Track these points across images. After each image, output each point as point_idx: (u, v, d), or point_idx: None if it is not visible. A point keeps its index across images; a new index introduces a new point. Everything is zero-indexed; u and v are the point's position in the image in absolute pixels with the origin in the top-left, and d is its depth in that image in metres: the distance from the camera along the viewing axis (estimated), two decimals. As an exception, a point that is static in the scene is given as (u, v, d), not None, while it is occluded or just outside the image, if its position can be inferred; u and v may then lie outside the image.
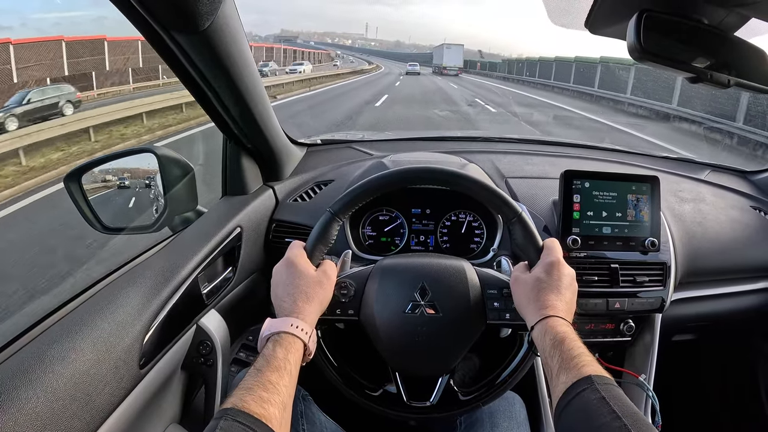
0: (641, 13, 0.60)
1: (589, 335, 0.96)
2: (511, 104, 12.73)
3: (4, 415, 0.43)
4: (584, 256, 0.89)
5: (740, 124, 7.21)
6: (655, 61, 0.63)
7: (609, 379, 0.48)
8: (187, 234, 0.81)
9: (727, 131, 7.38)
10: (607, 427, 0.42)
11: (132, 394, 0.59)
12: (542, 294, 0.60)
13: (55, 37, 8.95)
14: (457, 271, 0.70)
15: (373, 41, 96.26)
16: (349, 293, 0.68)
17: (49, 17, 18.93)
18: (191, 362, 0.75)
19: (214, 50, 0.63)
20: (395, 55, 73.46)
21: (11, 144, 4.70)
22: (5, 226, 3.41)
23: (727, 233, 1.04)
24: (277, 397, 0.48)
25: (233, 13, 0.63)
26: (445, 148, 1.23)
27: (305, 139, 1.20)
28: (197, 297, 0.74)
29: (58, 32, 9.52)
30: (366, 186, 0.68)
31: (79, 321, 0.55)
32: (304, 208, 0.97)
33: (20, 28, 17.06)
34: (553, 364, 0.52)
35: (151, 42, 0.62)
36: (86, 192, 0.84)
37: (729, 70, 0.67)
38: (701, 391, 1.34)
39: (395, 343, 0.67)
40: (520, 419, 0.78)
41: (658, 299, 0.91)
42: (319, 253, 0.67)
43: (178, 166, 0.87)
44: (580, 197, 0.89)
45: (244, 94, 0.75)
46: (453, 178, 0.69)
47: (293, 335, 0.56)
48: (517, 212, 0.67)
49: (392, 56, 64.23)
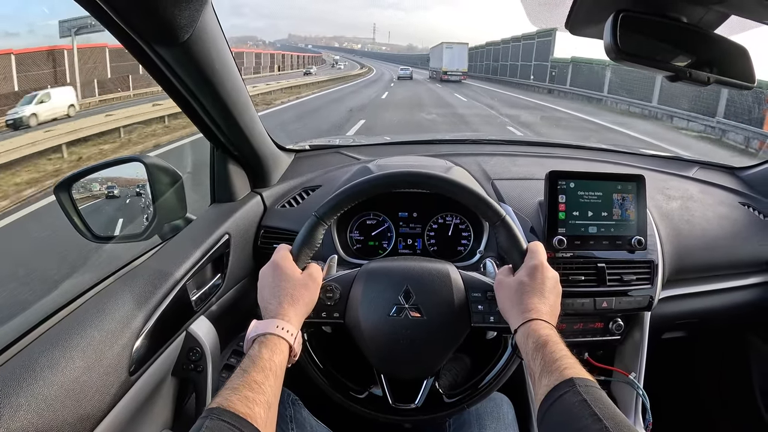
0: (617, 13, 0.60)
1: (578, 334, 0.96)
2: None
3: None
4: (571, 256, 0.89)
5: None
6: (633, 60, 0.63)
7: (591, 381, 0.49)
8: (175, 241, 0.82)
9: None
10: (588, 430, 0.43)
11: (122, 401, 0.59)
12: (525, 297, 0.60)
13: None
14: (441, 274, 0.70)
15: (384, 45, 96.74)
16: (335, 296, 0.69)
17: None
18: (181, 369, 0.75)
19: (195, 61, 0.64)
20: (402, 58, 71.91)
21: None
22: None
23: (715, 230, 1.04)
24: (262, 397, 0.48)
25: (213, 24, 0.64)
26: (433, 151, 1.24)
27: (293, 144, 1.21)
28: (186, 304, 0.74)
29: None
30: (350, 191, 0.68)
31: (69, 329, 0.56)
32: (292, 214, 0.97)
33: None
34: (535, 367, 0.53)
35: (134, 54, 0.63)
36: (76, 201, 0.85)
37: (709, 67, 0.67)
38: (692, 388, 1.35)
39: (380, 346, 0.68)
40: (508, 420, 0.79)
41: (647, 297, 0.91)
42: (304, 256, 0.67)
43: (167, 174, 0.88)
44: (565, 197, 0.89)
45: (228, 102, 0.75)
46: (436, 181, 0.70)
47: (278, 336, 0.56)
48: (501, 215, 0.67)
49: (399, 59, 63.31)
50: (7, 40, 20.53)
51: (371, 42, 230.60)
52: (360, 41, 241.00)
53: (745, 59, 0.67)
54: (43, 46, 9.78)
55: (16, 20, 19.13)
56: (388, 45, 61.32)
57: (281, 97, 14.73)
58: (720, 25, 0.67)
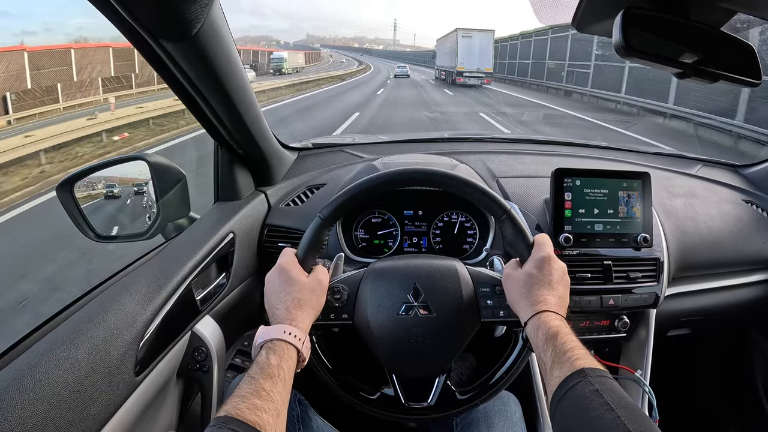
0: (626, 10, 0.61)
1: (585, 332, 0.96)
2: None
3: (0, 424, 0.43)
4: (577, 253, 0.89)
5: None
6: (642, 57, 0.63)
7: (603, 371, 0.48)
8: (179, 241, 0.81)
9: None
10: (601, 420, 0.42)
11: (128, 402, 0.59)
12: (534, 289, 0.60)
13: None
14: (449, 270, 0.70)
15: (409, 47, 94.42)
16: (342, 298, 0.68)
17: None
18: (187, 369, 0.75)
19: (202, 57, 0.63)
20: (407, 55, 68.59)
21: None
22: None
23: (719, 227, 1.04)
24: (271, 405, 0.48)
25: (221, 20, 0.63)
26: (437, 149, 1.24)
27: (297, 143, 1.20)
28: (191, 303, 0.74)
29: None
30: (354, 190, 0.68)
31: (74, 329, 0.56)
32: (296, 213, 0.97)
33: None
34: (546, 358, 0.53)
35: (141, 51, 0.62)
36: (78, 201, 0.84)
37: (716, 64, 0.67)
38: (698, 386, 1.35)
39: (390, 345, 0.67)
40: (515, 418, 0.78)
41: (652, 295, 0.92)
42: (310, 259, 0.67)
43: (170, 172, 0.87)
44: (571, 195, 0.89)
45: (233, 99, 0.75)
46: (440, 178, 0.69)
47: (286, 342, 0.56)
48: (506, 209, 0.67)
49: (402, 57, 61.42)
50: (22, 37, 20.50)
51: (396, 43, 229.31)
52: (383, 42, 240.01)
53: (752, 56, 0.67)
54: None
55: (27, 19, 19.18)
56: (413, 47, 60.79)
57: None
58: (727, 22, 0.67)
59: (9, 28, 38.83)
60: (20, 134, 5.69)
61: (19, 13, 18.59)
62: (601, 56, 13.10)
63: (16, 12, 19.15)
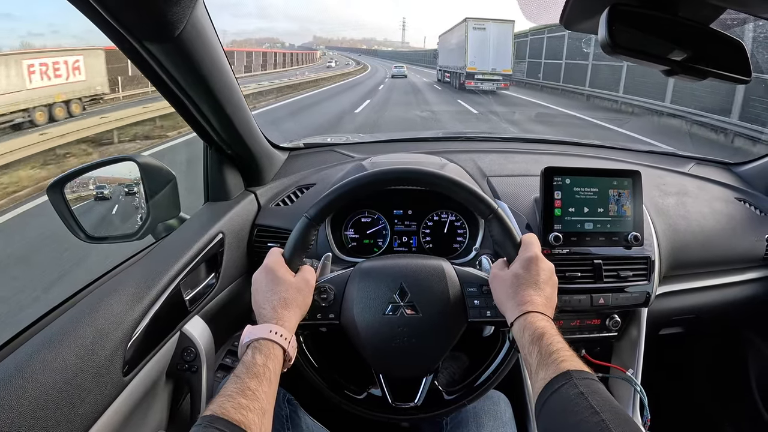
0: (612, 7, 0.60)
1: (575, 331, 0.96)
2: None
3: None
4: (567, 252, 0.89)
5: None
6: (628, 55, 0.63)
7: (588, 373, 0.48)
8: (169, 241, 0.81)
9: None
10: (586, 423, 0.42)
11: (116, 402, 0.59)
12: (521, 290, 0.60)
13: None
14: (435, 270, 0.70)
15: (419, 49, 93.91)
16: (329, 297, 0.68)
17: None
18: (176, 369, 0.75)
19: (187, 58, 0.63)
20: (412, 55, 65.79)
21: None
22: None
23: (711, 225, 1.04)
24: (257, 404, 0.48)
25: (205, 21, 0.63)
26: (428, 148, 1.24)
27: (288, 143, 1.20)
28: (180, 303, 0.74)
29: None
30: (340, 190, 0.67)
31: (62, 329, 0.56)
32: (286, 213, 0.97)
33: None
34: (532, 360, 0.52)
35: (126, 52, 0.62)
36: (69, 201, 0.84)
37: (705, 61, 0.66)
38: (690, 384, 1.35)
39: (377, 345, 0.67)
40: (505, 418, 0.78)
41: (643, 294, 0.91)
42: (297, 258, 0.67)
43: (160, 173, 0.87)
44: (561, 194, 0.89)
45: (221, 100, 0.75)
46: (427, 177, 0.69)
47: (272, 342, 0.56)
48: (493, 208, 0.67)
49: (401, 57, 60.11)
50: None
51: (402, 45, 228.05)
52: (392, 44, 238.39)
53: (741, 53, 0.67)
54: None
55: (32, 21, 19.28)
56: (424, 50, 60.36)
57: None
58: (716, 19, 0.67)
59: (15, 30, 39.04)
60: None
61: (23, 15, 18.61)
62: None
63: (20, 14, 19.22)
